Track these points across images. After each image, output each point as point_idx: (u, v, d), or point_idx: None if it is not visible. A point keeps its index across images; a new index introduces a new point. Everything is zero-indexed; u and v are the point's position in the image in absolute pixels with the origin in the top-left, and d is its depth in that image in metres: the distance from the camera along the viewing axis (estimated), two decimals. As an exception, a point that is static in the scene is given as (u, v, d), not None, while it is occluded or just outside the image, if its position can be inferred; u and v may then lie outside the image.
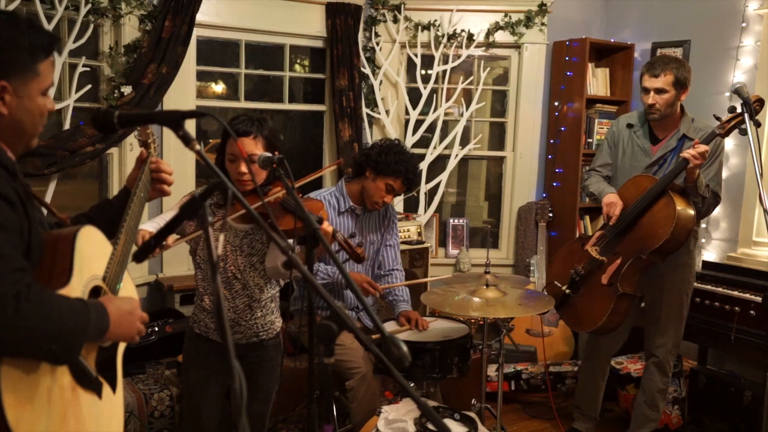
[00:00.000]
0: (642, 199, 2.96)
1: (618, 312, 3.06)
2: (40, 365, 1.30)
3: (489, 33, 4.45)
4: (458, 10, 4.39)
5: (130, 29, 3.45)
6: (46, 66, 1.42)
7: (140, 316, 1.52)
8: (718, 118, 2.87)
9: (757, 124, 2.63)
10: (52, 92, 3.04)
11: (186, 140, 1.40)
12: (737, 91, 2.56)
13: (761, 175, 2.47)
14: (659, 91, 2.97)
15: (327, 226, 2.32)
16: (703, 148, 2.77)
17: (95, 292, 1.50)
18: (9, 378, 1.23)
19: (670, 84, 2.96)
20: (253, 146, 2.23)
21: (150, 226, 2.23)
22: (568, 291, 3.18)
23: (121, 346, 1.64)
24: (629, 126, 3.20)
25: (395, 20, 4.35)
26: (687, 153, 2.79)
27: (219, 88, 4.28)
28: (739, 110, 2.68)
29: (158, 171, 1.76)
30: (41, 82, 1.41)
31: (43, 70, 1.41)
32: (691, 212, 2.91)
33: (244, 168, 2.23)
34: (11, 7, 2.89)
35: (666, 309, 3.19)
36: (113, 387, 1.56)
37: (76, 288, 1.41)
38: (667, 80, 2.96)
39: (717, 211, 4.06)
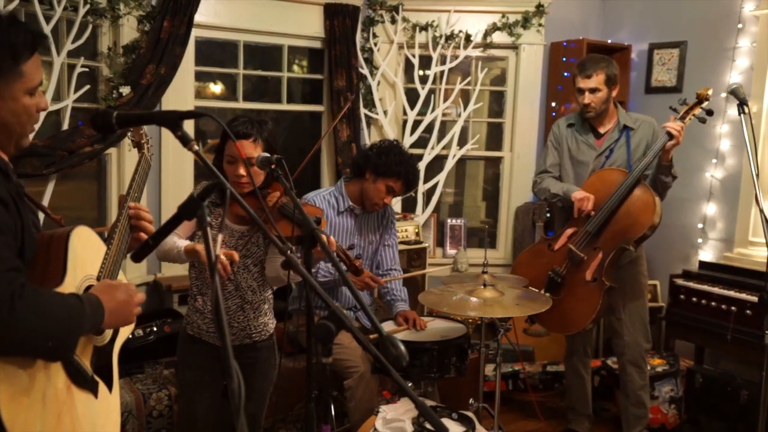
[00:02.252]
0: (618, 191, 3.03)
1: (603, 306, 3.12)
2: (35, 365, 1.31)
3: (486, 34, 4.46)
4: (456, 11, 4.40)
5: (129, 30, 3.45)
6: (30, 66, 1.39)
7: (137, 300, 1.53)
8: (674, 110, 3.03)
9: (710, 114, 3.02)
10: (51, 91, 3.03)
11: (184, 141, 1.41)
12: (733, 92, 2.58)
13: (758, 175, 2.49)
14: (593, 90, 3.12)
15: (329, 239, 2.29)
16: (680, 124, 2.94)
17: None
18: (3, 378, 1.24)
19: (602, 83, 3.12)
20: (253, 149, 2.22)
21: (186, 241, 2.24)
22: (547, 295, 3.13)
23: (117, 346, 1.64)
24: (570, 125, 3.31)
25: (393, 21, 4.36)
26: (671, 126, 2.92)
27: (217, 88, 4.29)
28: (691, 102, 2.98)
29: (138, 218, 1.68)
30: (26, 83, 1.39)
31: (28, 69, 1.38)
32: (660, 201, 3.05)
33: (242, 170, 2.23)
34: (10, 8, 2.89)
35: (628, 306, 3.23)
36: (109, 386, 1.57)
37: (70, 287, 1.42)
38: (600, 79, 3.11)
39: (713, 211, 4.09)
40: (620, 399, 3.39)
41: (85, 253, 1.50)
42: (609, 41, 4.65)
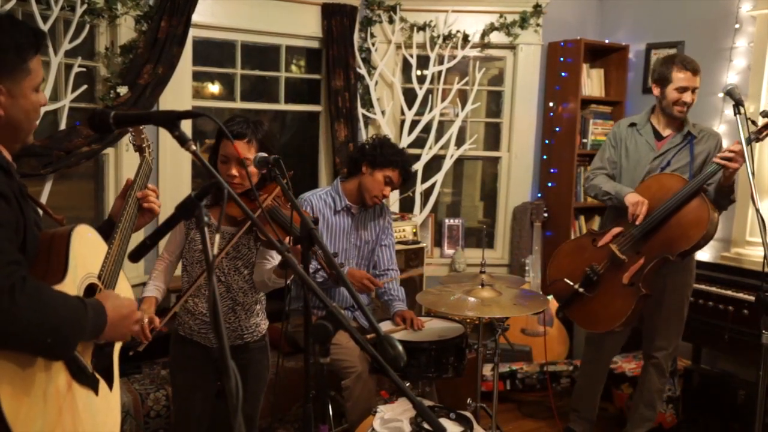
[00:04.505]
0: (673, 199, 2.95)
1: (636, 312, 3.06)
2: (36, 360, 1.31)
3: (484, 34, 4.46)
4: (453, 11, 4.41)
5: (126, 30, 3.45)
6: (35, 63, 1.43)
7: (136, 318, 1.54)
8: (754, 123, 2.82)
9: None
10: (48, 91, 3.04)
11: (182, 140, 1.41)
12: (729, 93, 2.58)
13: (753, 174, 2.49)
14: (695, 89, 3.05)
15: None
16: (739, 147, 2.76)
17: (90, 289, 1.51)
18: (5, 372, 1.24)
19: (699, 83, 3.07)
20: (246, 150, 2.22)
21: (152, 289, 2.30)
22: (581, 289, 3.13)
23: (118, 344, 1.65)
24: (632, 125, 3.26)
25: (391, 21, 4.36)
26: (720, 159, 2.82)
27: (215, 88, 4.29)
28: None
29: (145, 197, 1.77)
30: (33, 80, 1.43)
31: (33, 67, 1.43)
32: (717, 215, 2.96)
33: (234, 171, 2.24)
34: (7, 8, 2.89)
35: (667, 312, 3.20)
36: (110, 384, 1.58)
37: (71, 285, 1.42)
38: (700, 79, 3.06)
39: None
40: (635, 395, 3.38)
41: (87, 252, 1.50)
42: (606, 41, 4.65)
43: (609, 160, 3.29)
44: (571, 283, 3.16)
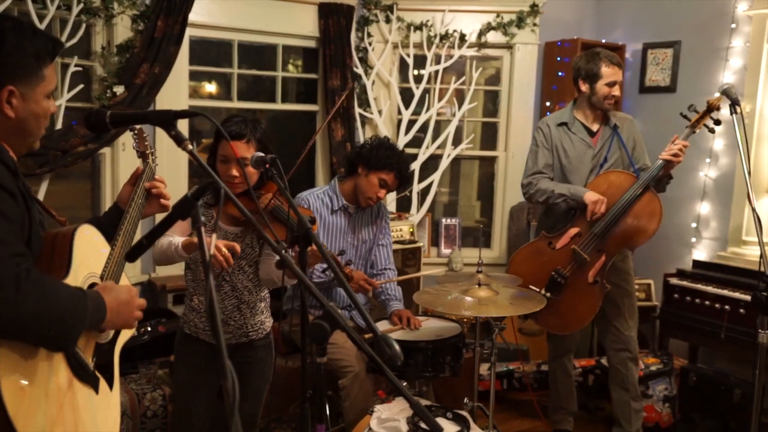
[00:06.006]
0: (626, 196, 3.03)
1: (600, 307, 3.15)
2: (38, 357, 1.32)
3: (481, 33, 4.47)
4: (450, 11, 4.41)
5: (123, 29, 3.44)
6: (50, 70, 1.45)
7: (138, 304, 1.54)
8: (685, 117, 3.02)
9: (718, 123, 3.02)
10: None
11: (178, 140, 1.41)
12: (725, 92, 2.59)
13: (749, 174, 2.50)
14: (621, 83, 3.18)
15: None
16: (682, 143, 2.98)
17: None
18: (7, 366, 1.25)
19: None
20: (245, 150, 2.21)
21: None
22: (548, 294, 3.12)
23: (119, 344, 1.65)
24: (561, 124, 3.26)
25: (387, 20, 4.36)
26: (668, 155, 2.98)
27: (212, 88, 4.28)
28: (701, 109, 2.99)
29: (154, 188, 1.79)
30: (46, 86, 1.45)
31: (48, 74, 1.44)
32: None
33: (235, 171, 2.23)
34: (2, 7, 2.88)
35: (626, 300, 3.27)
36: (110, 384, 1.58)
37: (72, 284, 1.43)
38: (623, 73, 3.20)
39: (707, 210, 4.11)
40: (619, 395, 3.34)
41: (89, 252, 1.52)
42: (603, 41, 4.66)
43: (546, 163, 3.25)
44: (537, 290, 3.12)
